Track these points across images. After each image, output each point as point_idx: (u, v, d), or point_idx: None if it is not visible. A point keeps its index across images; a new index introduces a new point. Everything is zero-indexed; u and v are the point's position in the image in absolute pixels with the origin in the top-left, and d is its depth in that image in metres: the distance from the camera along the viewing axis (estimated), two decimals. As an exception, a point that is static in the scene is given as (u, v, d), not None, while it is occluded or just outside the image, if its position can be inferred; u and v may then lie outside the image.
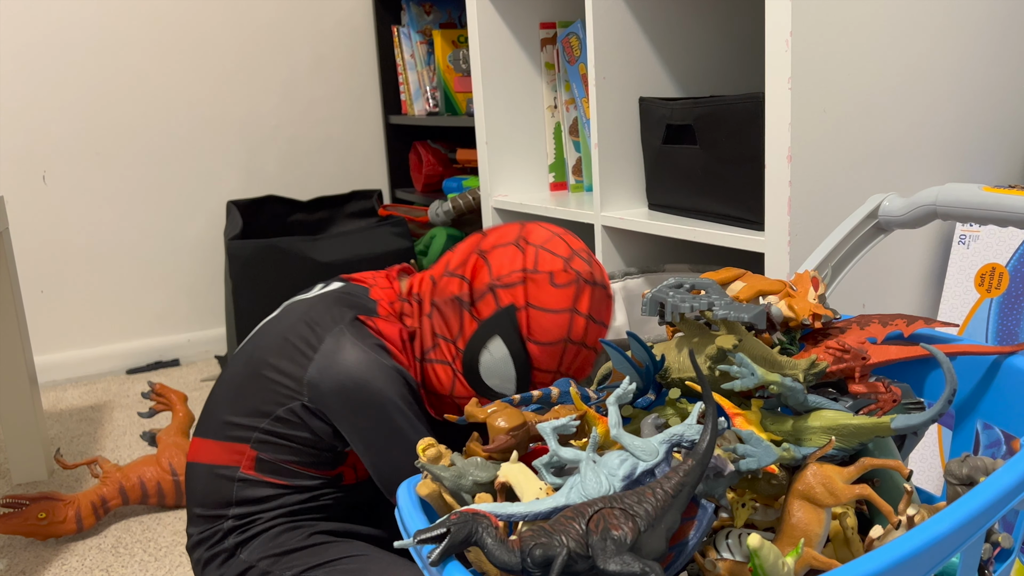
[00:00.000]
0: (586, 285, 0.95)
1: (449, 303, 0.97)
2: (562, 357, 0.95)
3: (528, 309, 0.94)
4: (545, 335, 0.94)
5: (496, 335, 0.95)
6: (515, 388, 0.97)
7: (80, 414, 2.12)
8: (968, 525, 0.47)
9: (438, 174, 2.50)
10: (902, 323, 0.74)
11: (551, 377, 0.97)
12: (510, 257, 0.95)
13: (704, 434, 0.55)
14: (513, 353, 0.95)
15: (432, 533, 0.52)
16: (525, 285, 0.94)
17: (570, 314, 0.94)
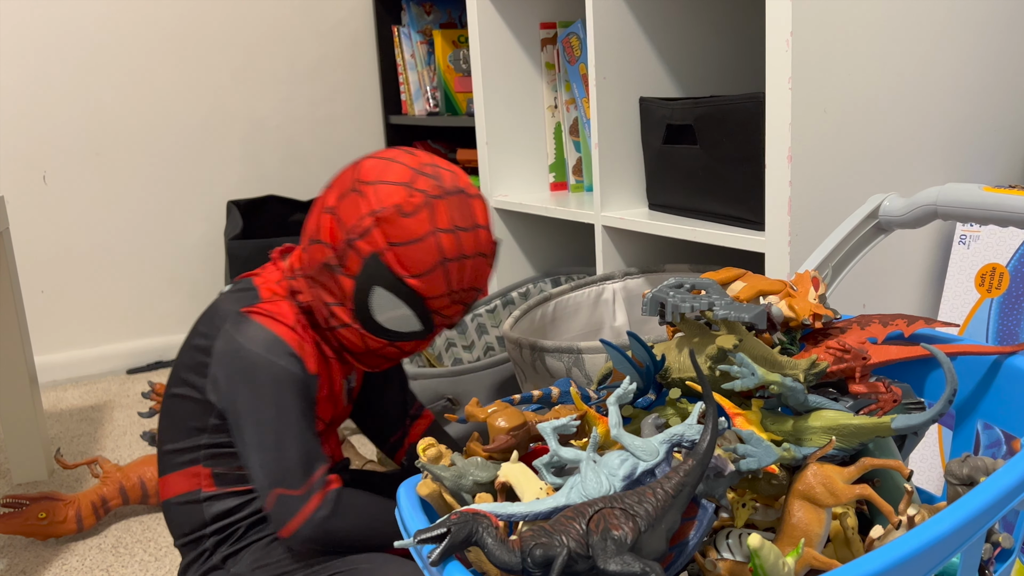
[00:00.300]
0: (438, 200, 0.92)
1: (321, 271, 0.96)
2: (448, 278, 0.93)
3: (390, 250, 0.92)
4: (419, 266, 0.92)
5: (374, 286, 0.93)
6: (422, 325, 0.96)
7: (80, 414, 2.12)
8: (968, 525, 0.47)
9: (438, 174, 2.50)
10: (902, 323, 0.74)
11: (452, 300, 0.96)
12: (354, 205, 0.93)
13: (704, 434, 0.55)
14: (399, 296, 0.93)
15: (432, 533, 0.52)
16: (378, 227, 0.92)
17: (434, 236, 0.92)
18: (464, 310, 1.00)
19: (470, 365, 1.42)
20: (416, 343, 1.00)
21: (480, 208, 0.97)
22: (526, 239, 1.82)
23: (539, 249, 1.84)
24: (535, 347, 1.17)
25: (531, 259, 1.83)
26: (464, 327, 1.68)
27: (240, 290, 1.01)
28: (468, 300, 0.99)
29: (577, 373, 1.13)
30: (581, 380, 1.13)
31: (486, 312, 1.71)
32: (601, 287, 1.45)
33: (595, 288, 1.44)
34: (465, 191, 0.96)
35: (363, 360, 1.03)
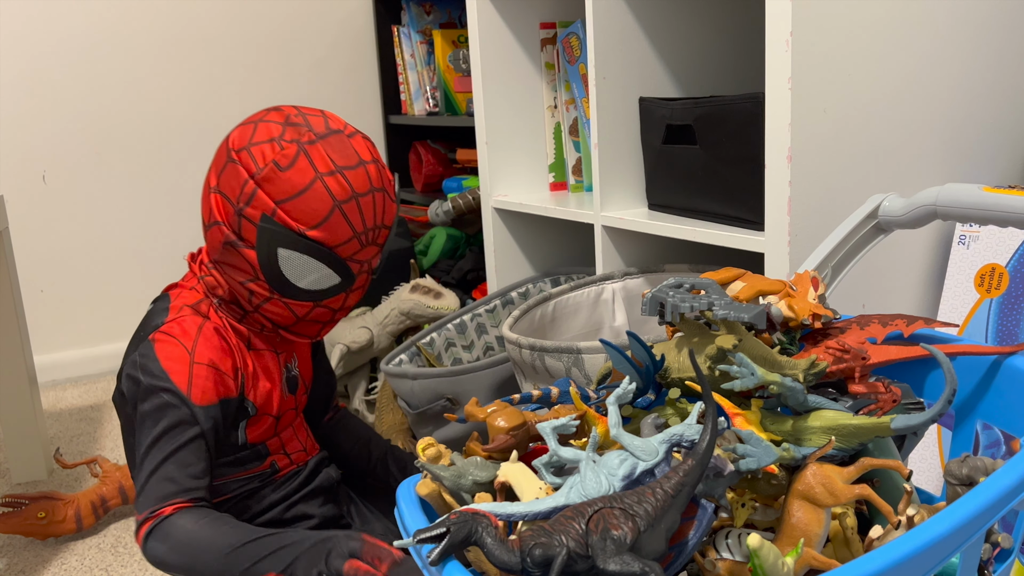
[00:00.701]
0: (311, 146, 0.91)
1: (226, 252, 0.95)
2: (348, 219, 0.92)
3: (280, 207, 0.90)
4: (313, 216, 0.90)
5: (276, 249, 0.92)
6: (340, 275, 0.95)
7: (80, 413, 2.12)
8: (968, 525, 0.47)
9: (438, 174, 2.50)
10: (902, 323, 0.74)
11: (361, 242, 0.94)
12: (234, 175, 0.92)
13: (704, 434, 0.55)
14: (304, 251, 0.92)
15: (431, 533, 0.52)
16: (261, 189, 0.90)
17: (319, 182, 0.90)
18: (378, 251, 0.98)
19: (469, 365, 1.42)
20: (343, 296, 0.98)
21: (362, 145, 0.95)
22: (526, 239, 1.82)
23: (538, 249, 1.84)
24: (535, 347, 1.17)
25: (530, 259, 1.83)
26: (464, 327, 1.68)
27: (155, 308, 1.02)
28: (380, 240, 0.97)
29: (577, 373, 1.13)
30: (581, 380, 1.13)
31: (485, 312, 1.71)
32: (601, 287, 1.45)
33: (595, 288, 1.44)
34: (341, 131, 0.94)
35: (300, 331, 1.01)
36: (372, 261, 0.98)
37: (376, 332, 1.89)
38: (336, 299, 0.98)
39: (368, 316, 1.91)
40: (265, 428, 1.05)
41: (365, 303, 2.06)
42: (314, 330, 1.02)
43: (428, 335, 1.64)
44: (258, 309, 0.98)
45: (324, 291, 0.96)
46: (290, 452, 1.09)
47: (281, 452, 1.06)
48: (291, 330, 1.01)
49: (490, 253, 1.81)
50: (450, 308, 1.83)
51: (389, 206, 0.96)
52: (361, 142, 0.95)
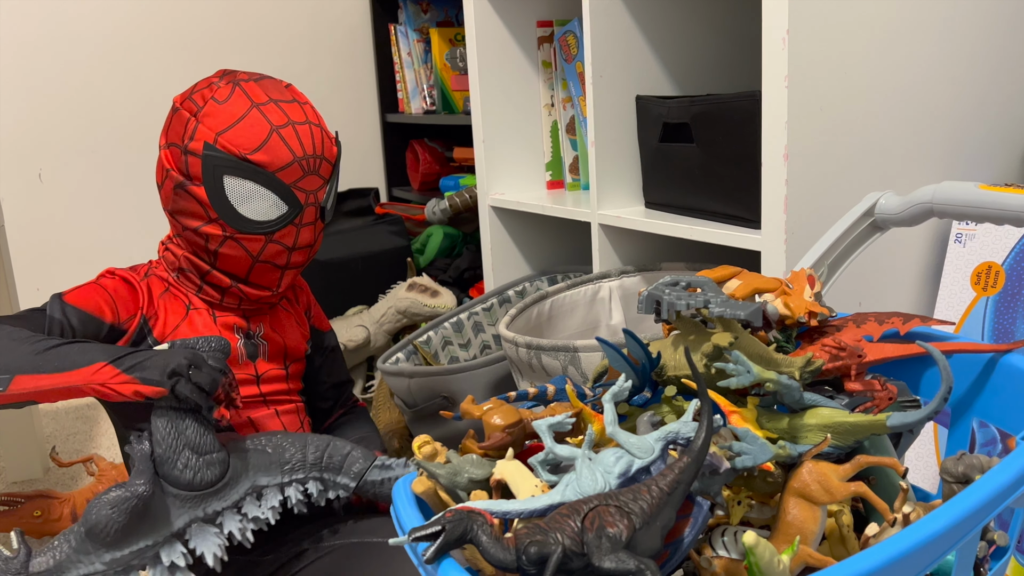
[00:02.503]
0: (247, 83, 0.98)
1: (177, 199, 0.98)
2: (287, 143, 0.96)
3: (220, 136, 0.95)
4: (253, 140, 0.95)
5: (221, 176, 0.95)
6: (286, 203, 0.98)
7: (75, 412, 2.12)
8: (963, 523, 0.47)
9: (435, 172, 2.50)
10: (898, 321, 0.74)
11: (304, 169, 0.97)
12: (177, 122, 0.97)
13: (699, 431, 0.55)
14: (248, 176, 0.95)
15: (427, 531, 0.52)
16: (201, 123, 0.95)
17: (255, 109, 0.96)
18: (324, 185, 1.01)
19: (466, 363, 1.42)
20: (293, 230, 1.00)
21: (295, 92, 1.01)
22: (522, 237, 1.82)
23: (535, 247, 1.83)
24: (531, 345, 1.17)
25: (527, 257, 1.83)
26: (460, 325, 1.68)
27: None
28: (323, 172, 1.00)
29: (573, 371, 1.13)
30: (577, 378, 1.13)
31: (482, 310, 1.71)
32: (597, 285, 1.45)
33: (591, 286, 1.44)
34: (276, 79, 1.02)
35: (259, 280, 1.02)
36: (318, 193, 1.01)
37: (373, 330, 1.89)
38: (287, 233, 1.00)
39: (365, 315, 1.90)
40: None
41: (362, 302, 2.06)
42: (272, 278, 1.03)
43: (425, 333, 1.63)
44: (216, 260, 1.00)
45: (273, 221, 0.98)
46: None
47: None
48: (249, 281, 1.03)
49: (487, 251, 1.80)
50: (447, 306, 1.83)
51: (328, 144, 1.00)
52: (295, 89, 1.02)
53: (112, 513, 0.79)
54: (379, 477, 0.96)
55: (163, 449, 0.83)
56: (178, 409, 0.84)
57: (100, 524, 0.79)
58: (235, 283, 1.02)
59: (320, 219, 1.04)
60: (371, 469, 0.95)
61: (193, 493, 0.84)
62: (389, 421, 1.60)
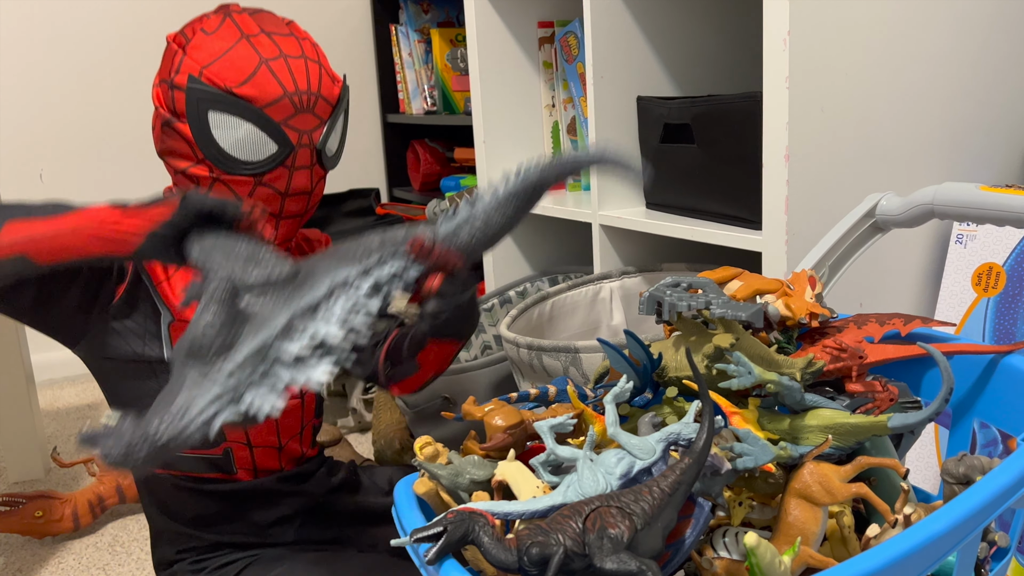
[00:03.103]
0: (239, 15, 0.91)
1: (165, 138, 0.91)
2: (276, 76, 0.88)
3: (205, 69, 0.87)
4: (239, 72, 0.87)
5: (206, 112, 0.88)
6: (275, 141, 0.89)
7: (77, 412, 2.12)
8: (964, 524, 0.47)
9: (436, 173, 2.50)
10: (899, 322, 0.74)
11: (295, 106, 0.89)
12: (167, 56, 0.91)
13: (701, 432, 0.55)
14: (234, 111, 0.88)
15: (429, 532, 0.52)
16: (188, 56, 0.88)
17: (244, 40, 0.88)
18: (321, 125, 0.92)
19: (467, 364, 1.42)
20: (285, 173, 0.91)
21: (296, 28, 0.93)
22: (523, 238, 1.82)
23: (536, 248, 1.84)
24: (532, 346, 1.17)
25: (528, 258, 1.83)
26: (461, 326, 1.68)
27: None
28: (319, 111, 0.91)
29: (574, 372, 1.13)
30: (578, 379, 1.13)
31: (483, 311, 1.71)
32: (598, 286, 1.45)
33: (592, 287, 1.44)
34: (273, 13, 0.94)
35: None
36: (314, 135, 0.92)
37: (374, 331, 1.89)
38: (278, 176, 0.91)
39: (366, 315, 1.90)
40: None
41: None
42: (269, 228, 0.92)
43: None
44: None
45: (262, 162, 0.90)
46: (258, 444, 0.97)
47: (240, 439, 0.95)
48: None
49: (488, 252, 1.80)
50: (448, 307, 1.83)
51: (328, 83, 0.92)
52: (296, 26, 0.94)
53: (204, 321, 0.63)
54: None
55: (214, 271, 0.67)
56: (206, 232, 0.71)
57: (198, 339, 0.62)
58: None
59: (319, 164, 0.94)
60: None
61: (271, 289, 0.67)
62: (390, 421, 1.60)
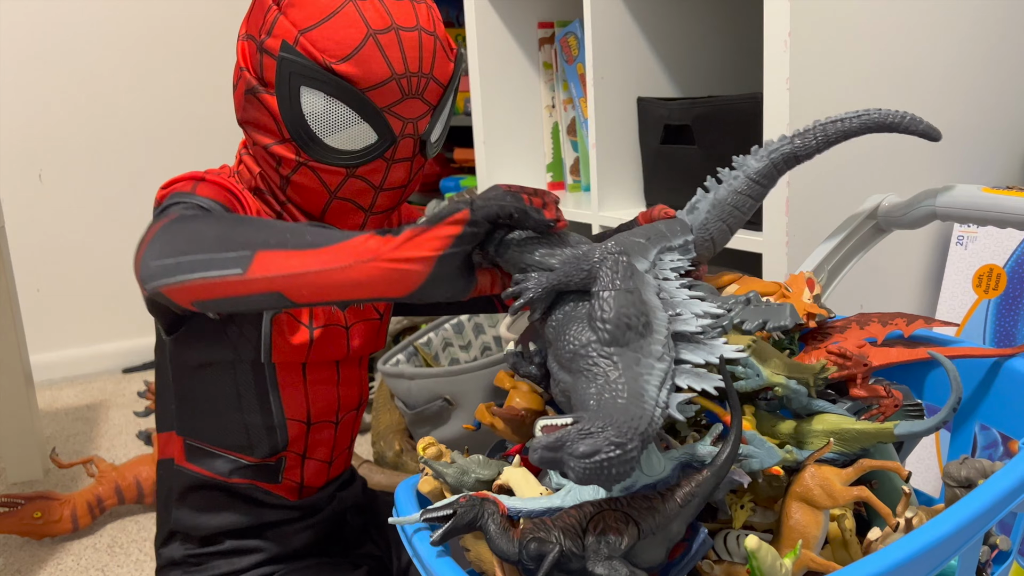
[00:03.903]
0: None
1: (248, 107, 0.79)
2: (385, 54, 0.75)
3: (303, 35, 0.74)
4: (342, 45, 0.74)
5: (298, 87, 0.75)
6: (376, 130, 0.78)
7: (76, 413, 2.12)
8: (966, 528, 0.47)
9: (435, 173, 2.50)
10: (902, 322, 0.74)
11: (402, 90, 0.77)
12: (259, 8, 0.78)
13: (724, 447, 0.54)
14: (330, 92, 0.75)
15: (438, 513, 0.53)
16: (284, 15, 0.76)
17: (351, 4, 0.75)
18: (429, 112, 0.80)
19: (467, 365, 1.42)
20: (383, 165, 0.80)
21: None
22: (523, 239, 1.82)
23: (536, 249, 1.83)
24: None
25: (528, 259, 1.83)
26: (461, 327, 1.68)
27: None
28: (429, 96, 0.79)
29: (574, 373, 1.13)
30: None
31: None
32: (598, 287, 1.44)
33: (592, 288, 1.44)
34: None
35: (337, 220, 0.84)
36: (419, 124, 0.79)
37: (373, 332, 1.89)
38: (375, 169, 0.79)
39: (365, 316, 1.90)
40: (295, 347, 0.84)
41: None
42: (354, 221, 0.84)
43: (425, 335, 1.63)
44: (287, 188, 0.81)
45: (358, 153, 0.78)
46: (312, 456, 0.91)
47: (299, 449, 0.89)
48: (325, 221, 0.83)
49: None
50: (447, 308, 1.83)
51: (443, 60, 0.79)
52: None
53: (621, 298, 0.55)
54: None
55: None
56: (510, 244, 0.60)
57: (623, 312, 0.54)
58: (309, 221, 0.82)
59: (421, 154, 0.83)
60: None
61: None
62: (390, 423, 1.60)
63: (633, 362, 0.52)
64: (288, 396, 0.87)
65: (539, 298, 0.57)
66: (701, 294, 0.61)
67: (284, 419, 0.87)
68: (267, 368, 0.85)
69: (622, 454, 0.46)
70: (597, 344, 0.53)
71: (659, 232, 0.66)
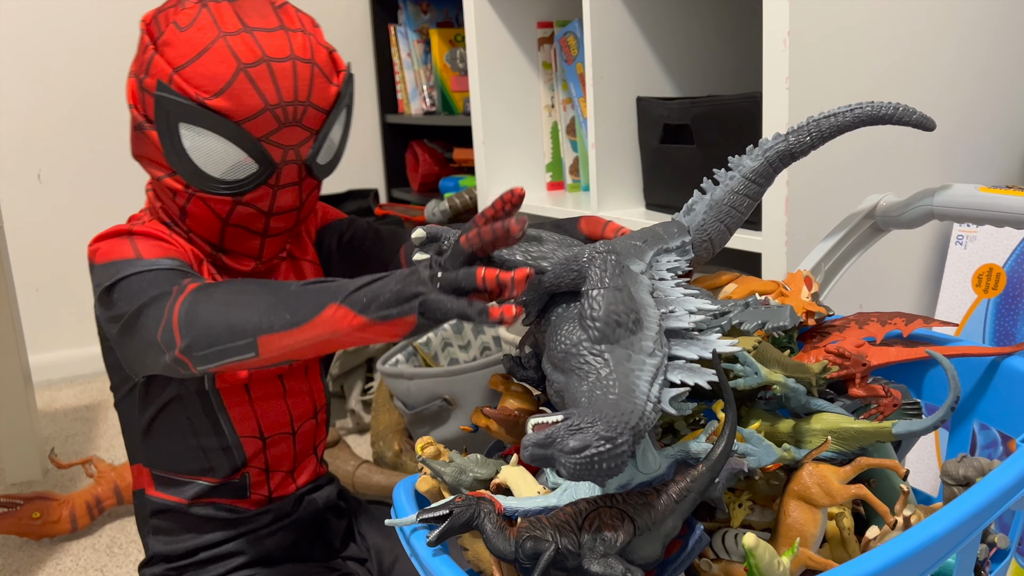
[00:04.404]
0: (217, 4, 0.79)
1: (138, 142, 0.82)
2: (257, 86, 0.77)
3: (176, 73, 0.77)
4: (214, 81, 0.76)
5: (176, 123, 0.77)
6: (255, 160, 0.79)
7: (75, 413, 2.12)
8: (964, 526, 0.47)
9: (435, 173, 2.50)
10: (901, 322, 0.74)
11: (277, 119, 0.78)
12: (142, 44, 0.81)
13: (719, 441, 0.54)
14: (207, 126, 0.77)
15: (435, 513, 0.53)
16: (159, 54, 0.78)
17: (221, 40, 0.76)
18: (311, 137, 0.81)
19: (466, 365, 1.42)
20: (268, 192, 0.82)
21: (291, 14, 0.81)
22: (523, 239, 1.81)
23: (536, 249, 1.83)
24: (531, 347, 1.16)
25: (527, 259, 1.83)
26: (460, 326, 1.68)
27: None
28: (308, 122, 0.81)
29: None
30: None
31: (482, 312, 1.70)
32: (597, 287, 1.44)
33: (591, 288, 1.44)
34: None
35: (235, 247, 0.86)
36: (301, 150, 0.81)
37: (373, 332, 1.88)
38: (261, 195, 0.82)
39: (365, 316, 1.90)
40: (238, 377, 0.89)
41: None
42: (252, 246, 0.86)
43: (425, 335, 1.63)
44: (187, 219, 0.84)
45: (240, 182, 0.80)
46: (276, 468, 0.94)
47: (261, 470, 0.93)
48: (225, 248, 0.86)
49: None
50: (447, 308, 1.82)
51: (321, 84, 0.80)
52: (292, 11, 0.81)
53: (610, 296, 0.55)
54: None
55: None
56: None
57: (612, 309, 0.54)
58: (214, 251, 0.86)
59: (311, 176, 0.85)
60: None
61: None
62: (389, 422, 1.60)
63: (624, 358, 0.52)
64: (237, 415, 0.91)
65: (531, 301, 0.59)
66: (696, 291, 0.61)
67: (237, 438, 0.91)
68: (212, 394, 0.89)
69: (612, 448, 0.46)
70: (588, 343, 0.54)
71: (655, 234, 0.67)
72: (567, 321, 0.56)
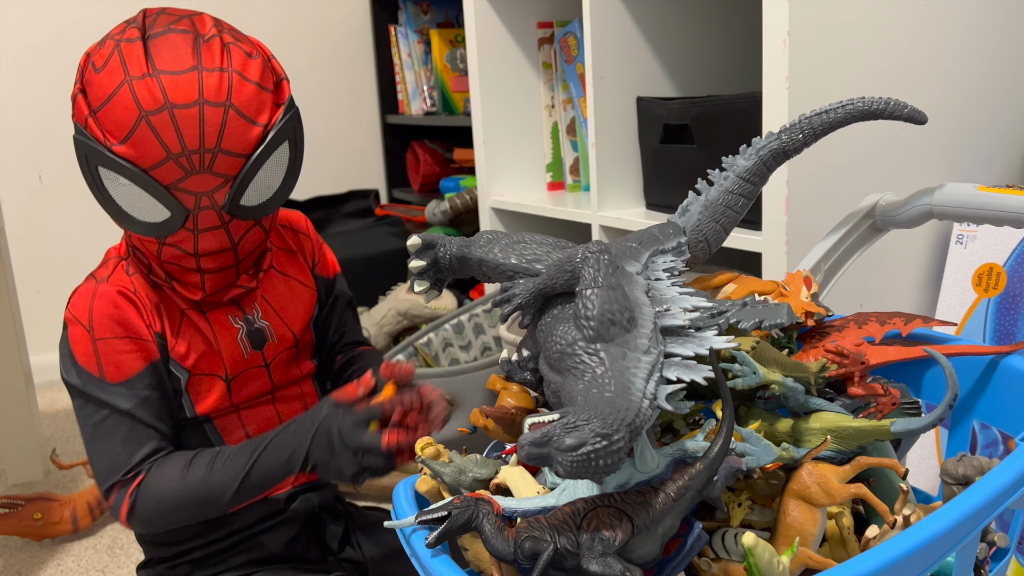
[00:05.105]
0: (130, 44, 0.75)
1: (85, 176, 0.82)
2: (158, 135, 0.74)
3: (90, 118, 0.76)
4: (120, 127, 0.74)
5: (95, 166, 0.77)
6: (168, 206, 0.77)
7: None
8: (964, 524, 0.47)
9: (435, 174, 2.50)
10: (900, 322, 0.74)
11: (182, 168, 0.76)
12: (77, 77, 0.80)
13: (716, 439, 0.54)
14: (118, 171, 0.75)
15: (433, 515, 0.53)
16: (81, 95, 0.77)
17: (126, 85, 0.73)
18: (226, 183, 0.78)
19: (467, 365, 1.42)
20: (189, 236, 0.80)
21: (213, 51, 0.76)
22: (523, 239, 1.81)
23: (536, 249, 1.83)
24: (532, 347, 1.16)
25: (528, 259, 1.83)
26: (461, 327, 1.68)
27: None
28: (223, 168, 0.77)
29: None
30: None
31: (483, 312, 1.70)
32: (598, 287, 1.44)
33: (592, 288, 1.44)
34: (189, 32, 0.77)
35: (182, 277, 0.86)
36: (216, 196, 0.78)
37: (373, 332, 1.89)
38: (183, 238, 0.80)
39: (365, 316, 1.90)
40: (217, 396, 0.90)
41: (362, 303, 2.06)
42: (193, 280, 0.86)
43: (425, 335, 1.63)
44: (135, 251, 0.86)
45: (158, 225, 0.79)
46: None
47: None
48: (176, 279, 0.86)
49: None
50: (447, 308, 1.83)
51: (236, 129, 0.76)
52: (217, 46, 0.76)
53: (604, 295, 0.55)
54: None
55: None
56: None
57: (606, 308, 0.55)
58: (168, 282, 0.86)
59: (239, 217, 0.81)
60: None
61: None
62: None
63: (619, 356, 0.52)
64: (223, 425, 0.93)
65: (527, 303, 0.60)
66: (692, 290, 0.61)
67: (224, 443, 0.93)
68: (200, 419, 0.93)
69: (608, 445, 0.46)
70: (583, 342, 0.54)
71: (651, 236, 0.67)
72: (562, 322, 0.57)
